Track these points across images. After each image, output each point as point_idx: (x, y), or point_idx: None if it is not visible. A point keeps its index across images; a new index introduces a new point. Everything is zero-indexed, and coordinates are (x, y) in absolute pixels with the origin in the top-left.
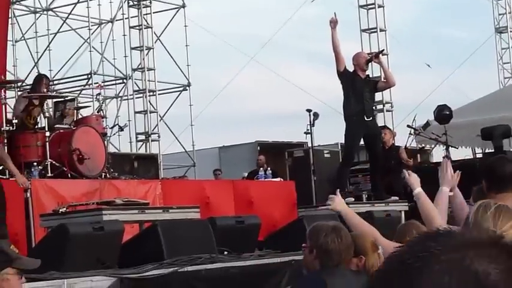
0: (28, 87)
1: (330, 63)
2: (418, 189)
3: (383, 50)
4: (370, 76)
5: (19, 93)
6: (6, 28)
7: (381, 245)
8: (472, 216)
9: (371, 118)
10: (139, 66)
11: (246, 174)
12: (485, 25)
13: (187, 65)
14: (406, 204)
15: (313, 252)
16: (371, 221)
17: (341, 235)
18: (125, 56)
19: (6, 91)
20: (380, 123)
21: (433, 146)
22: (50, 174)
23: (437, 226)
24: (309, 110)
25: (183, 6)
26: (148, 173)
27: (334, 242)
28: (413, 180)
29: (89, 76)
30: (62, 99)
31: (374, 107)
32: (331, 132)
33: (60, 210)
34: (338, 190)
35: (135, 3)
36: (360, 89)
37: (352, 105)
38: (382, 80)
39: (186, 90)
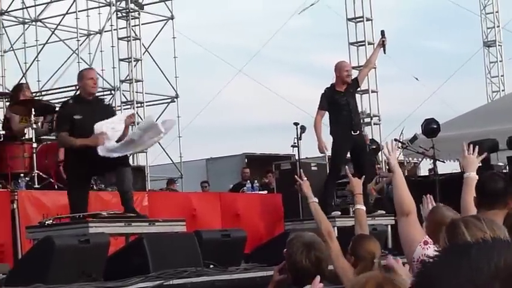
0: None
1: (317, 75)
2: (468, 174)
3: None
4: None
5: (7, 103)
6: None
7: (412, 226)
8: (466, 231)
9: (358, 132)
10: (128, 78)
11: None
12: (474, 38)
13: (176, 77)
14: (393, 218)
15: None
16: None
17: (310, 253)
18: (113, 68)
19: None
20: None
21: (420, 159)
22: (37, 186)
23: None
24: (296, 124)
25: (172, 18)
26: (136, 184)
27: (306, 261)
28: (467, 163)
29: (77, 87)
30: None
31: (361, 120)
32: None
33: (46, 222)
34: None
35: (124, 14)
36: (343, 103)
37: (338, 121)
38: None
39: (174, 101)
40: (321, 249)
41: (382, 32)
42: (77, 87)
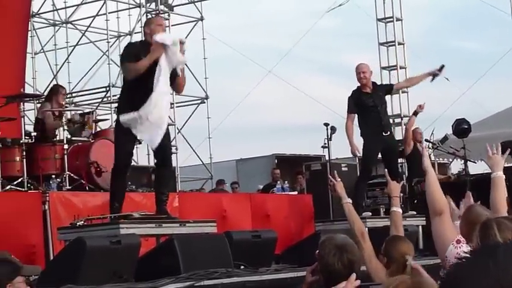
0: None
1: (347, 75)
2: (495, 173)
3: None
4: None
5: (38, 105)
6: (25, 42)
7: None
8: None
9: (389, 133)
10: None
11: (260, 187)
12: (504, 38)
13: (205, 78)
14: (424, 218)
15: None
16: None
17: (343, 256)
18: None
19: (25, 104)
20: (398, 136)
21: (451, 160)
22: (68, 187)
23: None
24: (326, 124)
25: (201, 19)
26: None
27: (338, 263)
28: (493, 163)
29: (108, 89)
30: (80, 111)
31: (391, 120)
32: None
33: (78, 223)
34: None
35: (154, 16)
36: (370, 104)
37: (367, 122)
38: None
39: (204, 102)
40: (353, 251)
41: (442, 66)
42: (143, 32)
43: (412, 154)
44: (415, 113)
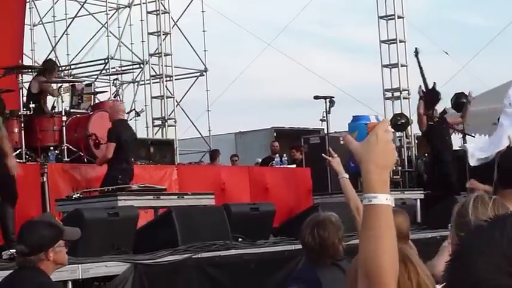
0: None
1: (346, 48)
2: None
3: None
4: None
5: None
6: (23, 13)
7: None
8: (471, 210)
9: None
10: (157, 52)
11: (259, 161)
12: (505, 12)
13: (204, 51)
14: (422, 192)
15: None
16: None
17: (319, 232)
18: (142, 41)
19: (23, 75)
20: (397, 110)
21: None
22: (66, 159)
23: None
24: (325, 97)
25: None
26: (165, 158)
27: (308, 238)
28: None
29: (106, 61)
30: (79, 83)
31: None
32: (348, 119)
33: (74, 196)
34: None
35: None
36: None
37: None
38: None
39: (203, 75)
40: (327, 227)
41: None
42: None
43: (429, 131)
44: (421, 98)
